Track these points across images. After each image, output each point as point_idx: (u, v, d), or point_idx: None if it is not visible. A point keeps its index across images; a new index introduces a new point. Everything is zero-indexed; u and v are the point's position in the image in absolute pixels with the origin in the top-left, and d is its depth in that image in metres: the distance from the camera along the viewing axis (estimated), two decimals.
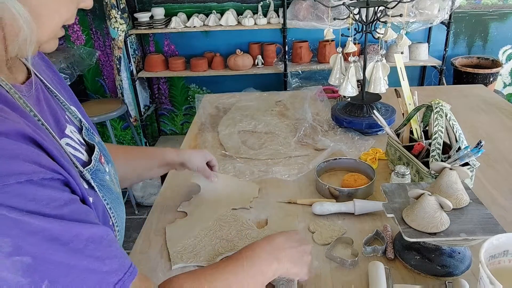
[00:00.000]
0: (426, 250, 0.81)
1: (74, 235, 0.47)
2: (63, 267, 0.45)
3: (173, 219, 1.00)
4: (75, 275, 0.46)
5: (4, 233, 0.42)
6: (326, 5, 1.39)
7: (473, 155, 0.91)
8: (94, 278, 0.47)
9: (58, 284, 0.45)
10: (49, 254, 0.44)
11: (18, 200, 0.43)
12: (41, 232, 0.44)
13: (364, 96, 1.38)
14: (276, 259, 0.68)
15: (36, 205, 0.45)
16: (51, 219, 0.45)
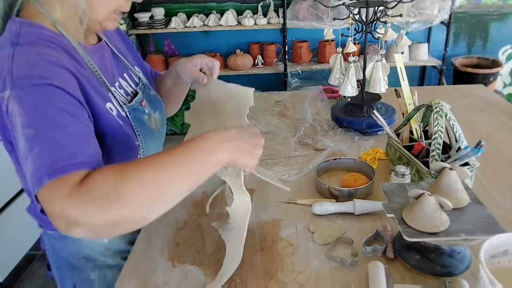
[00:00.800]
0: (426, 250, 0.81)
1: (66, 124, 0.65)
2: (50, 142, 0.63)
3: (172, 219, 1.00)
4: (48, 150, 0.62)
5: (22, 112, 0.64)
6: (326, 5, 1.39)
7: (473, 155, 0.91)
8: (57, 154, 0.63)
9: (38, 157, 0.62)
10: (46, 131, 0.63)
11: (45, 93, 0.65)
12: (48, 116, 0.64)
13: (364, 96, 1.38)
14: (218, 149, 0.67)
15: (53, 99, 0.66)
16: (58, 111, 0.65)
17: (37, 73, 0.66)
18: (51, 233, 0.94)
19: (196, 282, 0.81)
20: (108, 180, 0.60)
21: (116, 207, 0.59)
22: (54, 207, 0.59)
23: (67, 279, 0.97)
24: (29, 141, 0.63)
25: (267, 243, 0.91)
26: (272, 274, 0.82)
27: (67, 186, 0.59)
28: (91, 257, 0.94)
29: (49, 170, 0.60)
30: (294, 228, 0.95)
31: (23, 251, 2.29)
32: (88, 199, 0.58)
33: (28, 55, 0.69)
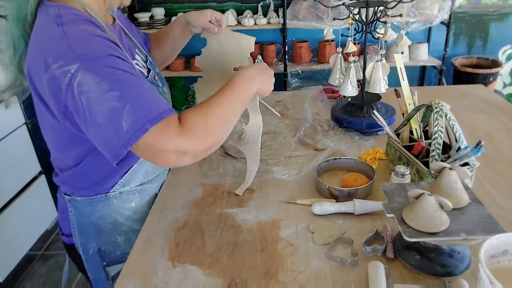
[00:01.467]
0: (426, 250, 0.81)
1: (139, 83, 0.78)
2: (136, 99, 0.75)
3: (173, 219, 1.01)
4: (138, 104, 0.75)
5: (104, 79, 0.74)
6: (326, 5, 1.39)
7: (473, 155, 0.91)
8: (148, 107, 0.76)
9: (132, 112, 0.73)
10: (128, 91, 0.75)
11: (110, 61, 0.76)
12: (124, 79, 0.76)
13: (364, 96, 1.38)
14: (250, 82, 0.91)
15: (120, 65, 0.77)
16: (128, 74, 0.77)
17: (95, 47, 0.77)
18: (80, 200, 1.00)
19: (196, 282, 0.81)
20: (200, 120, 0.80)
21: (211, 137, 0.81)
22: (167, 145, 0.76)
23: (92, 243, 1.04)
24: (119, 101, 0.74)
25: (267, 243, 0.91)
26: (272, 274, 0.82)
27: (174, 127, 0.76)
28: (119, 222, 1.04)
29: (149, 119, 0.74)
30: (294, 228, 0.95)
31: (23, 251, 2.30)
32: (193, 135, 0.78)
33: (77, 32, 0.78)
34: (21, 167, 2.28)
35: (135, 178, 1.02)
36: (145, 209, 1.07)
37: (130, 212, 1.05)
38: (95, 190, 0.99)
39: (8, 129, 2.18)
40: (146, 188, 1.07)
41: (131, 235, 1.05)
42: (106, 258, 1.06)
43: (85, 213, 1.01)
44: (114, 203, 1.01)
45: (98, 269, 1.06)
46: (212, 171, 1.21)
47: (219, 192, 1.11)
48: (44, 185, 2.48)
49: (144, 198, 1.07)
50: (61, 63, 0.74)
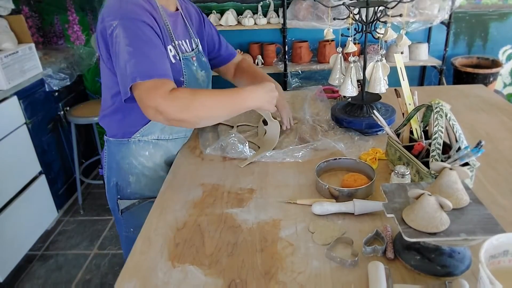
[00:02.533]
0: (426, 250, 0.81)
1: (154, 46, 1.02)
2: (145, 56, 0.99)
3: (172, 219, 1.00)
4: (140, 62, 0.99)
5: (126, 35, 0.99)
6: (326, 5, 1.39)
7: (473, 155, 0.91)
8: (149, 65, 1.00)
9: (133, 65, 0.98)
10: (141, 49, 1.00)
11: (139, 25, 1.01)
12: (141, 40, 1.00)
13: (364, 96, 1.38)
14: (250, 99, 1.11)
15: (145, 31, 1.01)
16: (147, 38, 1.01)
17: (136, 13, 1.01)
18: (112, 140, 1.25)
19: (196, 282, 0.81)
20: (187, 96, 1.00)
21: (187, 114, 1.00)
22: (150, 101, 0.97)
23: (113, 177, 1.28)
24: (128, 55, 0.98)
25: (267, 243, 0.91)
26: (272, 274, 0.82)
27: (162, 90, 0.97)
28: (133, 165, 1.25)
29: (141, 74, 0.97)
30: (294, 228, 0.95)
31: (23, 251, 2.30)
32: (173, 103, 0.97)
33: (128, 1, 1.03)
34: (21, 167, 2.28)
35: (152, 132, 1.23)
36: (156, 161, 1.27)
37: (144, 159, 1.25)
38: (121, 132, 1.22)
39: (8, 129, 2.18)
40: (161, 144, 1.27)
41: (141, 178, 1.26)
42: (120, 192, 1.28)
43: (113, 151, 1.26)
44: (133, 148, 1.23)
45: (114, 200, 1.30)
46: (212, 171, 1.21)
47: (219, 192, 1.11)
48: (44, 185, 2.48)
49: (157, 152, 1.27)
50: (110, 18, 1.01)
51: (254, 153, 1.27)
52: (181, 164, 1.27)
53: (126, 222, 1.31)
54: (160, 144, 1.27)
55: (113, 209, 1.33)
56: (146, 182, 1.27)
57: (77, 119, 2.57)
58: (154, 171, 1.27)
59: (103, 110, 1.24)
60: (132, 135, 1.22)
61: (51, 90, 2.56)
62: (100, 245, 2.43)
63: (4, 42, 2.29)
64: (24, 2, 2.93)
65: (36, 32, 3.04)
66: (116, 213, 1.32)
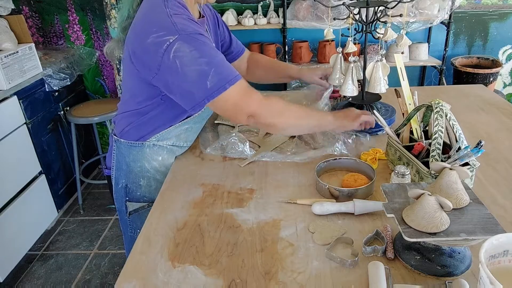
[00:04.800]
0: (426, 250, 0.81)
1: (219, 54, 1.03)
2: (221, 65, 1.01)
3: (172, 220, 1.00)
4: (220, 69, 1.01)
5: (196, 49, 0.98)
6: (326, 5, 1.38)
7: (473, 155, 0.91)
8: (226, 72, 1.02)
9: (216, 74, 0.99)
10: (215, 59, 1.00)
11: (200, 38, 1.01)
12: (209, 50, 1.01)
13: (364, 96, 1.38)
14: (330, 123, 1.20)
15: (206, 41, 1.02)
16: (212, 48, 1.03)
17: (191, 27, 1.01)
18: (123, 141, 1.23)
19: (196, 282, 0.81)
20: (281, 104, 1.09)
21: (279, 118, 1.10)
22: (249, 107, 1.05)
23: (122, 179, 1.26)
24: (207, 66, 0.98)
25: (267, 243, 0.91)
26: (272, 274, 0.82)
27: (259, 97, 1.06)
28: (146, 168, 1.24)
29: (228, 80, 1.00)
30: (294, 228, 0.95)
31: (23, 251, 2.30)
32: (271, 108, 1.08)
33: (179, 15, 1.02)
34: (21, 167, 2.28)
35: (168, 138, 1.23)
36: (168, 166, 1.27)
37: (157, 163, 1.25)
38: (137, 134, 1.21)
39: (8, 129, 2.18)
40: (175, 150, 1.28)
41: (152, 182, 1.26)
42: (129, 194, 1.27)
43: (123, 153, 1.24)
44: (147, 151, 1.23)
45: (122, 201, 1.29)
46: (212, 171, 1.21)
47: (219, 192, 1.11)
48: (44, 185, 2.48)
49: (170, 157, 1.27)
50: (163, 33, 0.98)
51: (254, 152, 1.27)
52: (181, 164, 1.27)
53: (133, 224, 1.31)
54: (174, 150, 1.27)
55: (119, 210, 1.32)
56: (157, 186, 1.25)
57: (77, 119, 2.57)
58: (165, 175, 1.25)
59: (123, 111, 1.22)
60: (147, 139, 1.22)
61: (51, 90, 2.56)
62: (100, 245, 2.43)
63: (4, 42, 2.29)
64: (24, 2, 2.93)
65: (36, 32, 3.04)
66: (123, 214, 1.31)
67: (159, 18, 1.00)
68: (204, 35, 1.02)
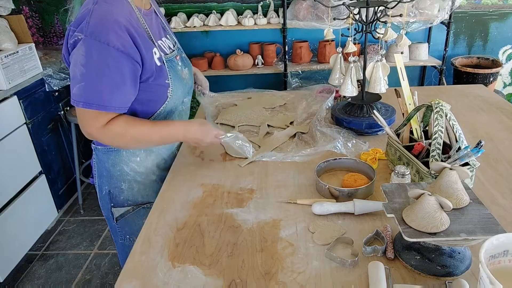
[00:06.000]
0: (426, 250, 0.81)
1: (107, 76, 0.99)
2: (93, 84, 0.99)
3: (172, 220, 1.00)
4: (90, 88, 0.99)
5: (84, 54, 0.97)
6: (326, 5, 1.39)
7: (473, 155, 0.91)
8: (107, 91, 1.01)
9: (84, 87, 0.98)
10: (93, 75, 0.98)
11: (103, 49, 0.97)
12: (97, 65, 0.98)
13: (364, 96, 1.38)
14: (181, 136, 1.15)
15: (108, 57, 0.98)
16: (107, 67, 0.99)
17: (103, 32, 0.97)
18: (99, 148, 1.22)
19: (196, 282, 0.81)
20: (119, 131, 1.05)
21: (117, 143, 1.10)
22: (86, 129, 1.04)
23: (105, 185, 1.26)
24: (80, 76, 0.98)
25: (267, 243, 0.91)
26: (272, 274, 0.82)
27: (99, 123, 1.02)
28: (125, 171, 1.23)
29: (87, 102, 0.99)
30: (294, 228, 0.95)
31: (23, 251, 2.29)
32: (108, 135, 1.05)
33: (101, 13, 0.99)
34: (21, 167, 2.28)
35: None
36: (148, 165, 1.26)
37: (135, 164, 1.23)
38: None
39: (8, 129, 2.18)
40: (152, 148, 1.25)
41: (133, 185, 1.25)
42: (113, 200, 1.26)
43: (102, 160, 1.24)
44: (123, 154, 1.21)
45: (108, 208, 1.28)
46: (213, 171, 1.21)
47: (219, 192, 1.11)
48: (44, 185, 2.48)
49: (149, 156, 1.25)
50: (77, 29, 0.99)
51: (254, 151, 1.27)
52: (181, 164, 1.27)
53: (122, 230, 1.30)
54: (151, 149, 1.25)
55: (107, 218, 1.31)
56: (139, 188, 1.25)
57: (77, 119, 2.57)
58: (146, 175, 1.25)
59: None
60: None
61: (51, 90, 2.56)
62: (100, 245, 2.43)
63: (4, 42, 2.29)
64: (24, 2, 2.93)
65: (36, 32, 3.04)
66: (111, 221, 1.30)
67: (83, 14, 1.00)
68: (115, 47, 0.98)
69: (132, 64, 1.03)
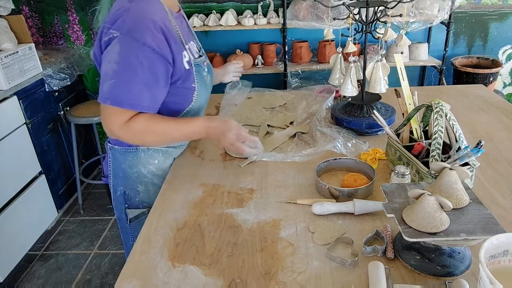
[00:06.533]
0: (426, 250, 0.81)
1: (139, 75, 0.99)
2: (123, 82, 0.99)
3: (172, 220, 1.00)
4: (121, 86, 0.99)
5: (118, 52, 0.97)
6: (326, 5, 1.39)
7: (473, 155, 0.91)
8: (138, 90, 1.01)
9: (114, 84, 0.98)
10: (124, 72, 0.98)
11: (137, 47, 0.98)
12: (130, 63, 0.98)
13: (364, 96, 1.38)
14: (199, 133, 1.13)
15: (141, 55, 0.98)
16: (141, 64, 0.99)
17: (138, 31, 0.98)
18: (117, 148, 1.22)
19: (196, 282, 0.81)
20: (140, 129, 1.04)
21: (138, 142, 1.13)
22: (108, 125, 1.03)
23: (120, 186, 1.25)
24: (112, 73, 0.98)
25: (267, 243, 0.91)
26: (272, 274, 0.82)
27: (122, 120, 1.02)
28: (142, 173, 1.23)
29: (113, 98, 0.98)
30: (294, 228, 0.95)
31: (23, 251, 2.29)
32: (129, 132, 1.04)
33: (138, 12, 1.00)
34: (21, 167, 2.28)
35: None
36: (165, 169, 1.26)
37: (153, 167, 1.24)
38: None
39: (8, 129, 2.18)
40: (170, 151, 1.26)
41: (150, 187, 1.25)
42: (128, 201, 1.26)
43: (119, 160, 1.23)
44: (142, 156, 1.21)
45: (121, 209, 1.27)
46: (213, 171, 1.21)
47: (219, 192, 1.11)
48: (44, 185, 2.48)
49: (167, 159, 1.26)
50: (112, 26, 0.98)
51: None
52: (181, 164, 1.27)
53: (134, 232, 1.29)
54: (170, 151, 1.26)
55: (119, 218, 1.30)
56: (155, 190, 1.24)
57: (77, 119, 2.57)
58: (163, 179, 1.23)
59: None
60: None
61: (51, 90, 2.56)
62: (100, 245, 2.43)
63: (4, 42, 2.29)
64: (24, 2, 2.93)
65: (36, 32, 3.04)
66: (123, 222, 1.29)
67: (119, 12, 1.00)
68: (151, 46, 0.98)
69: (165, 65, 1.03)
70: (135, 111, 1.03)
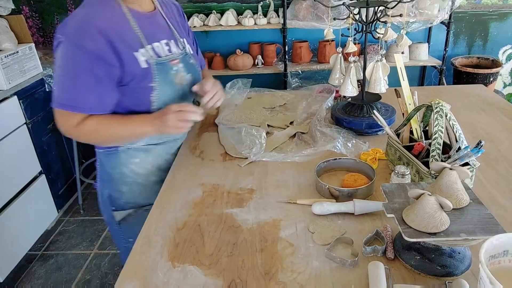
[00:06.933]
0: (426, 250, 0.81)
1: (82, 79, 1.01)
2: (69, 86, 1.02)
3: (172, 220, 1.00)
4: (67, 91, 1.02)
5: (61, 57, 1.00)
6: (326, 5, 1.38)
7: (473, 155, 0.91)
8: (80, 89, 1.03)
9: (63, 90, 1.02)
10: (69, 77, 1.01)
11: (78, 53, 0.99)
12: (73, 68, 1.00)
13: (364, 96, 1.38)
14: (146, 133, 1.12)
15: (82, 60, 1.00)
16: (82, 69, 1.00)
17: (78, 34, 0.99)
18: (101, 151, 1.23)
19: (196, 282, 0.81)
20: (90, 131, 1.06)
21: (89, 141, 1.12)
22: (61, 127, 1.06)
23: (106, 189, 1.26)
24: (57, 77, 1.01)
25: (267, 243, 0.91)
26: (272, 274, 0.82)
27: (72, 122, 1.04)
28: (125, 174, 1.22)
29: (61, 103, 1.02)
30: (294, 228, 0.95)
31: (23, 251, 2.29)
32: (80, 133, 1.07)
33: (81, 16, 1.01)
34: (21, 167, 2.28)
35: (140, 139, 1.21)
36: (147, 167, 1.25)
37: (135, 166, 1.23)
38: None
39: (8, 129, 2.18)
40: (151, 149, 1.24)
41: (134, 187, 1.25)
42: (113, 203, 1.26)
43: (103, 163, 1.24)
44: (122, 156, 1.21)
45: (109, 212, 1.28)
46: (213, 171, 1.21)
47: (219, 192, 1.11)
48: (44, 185, 2.47)
49: (148, 157, 1.24)
50: (59, 31, 1.01)
51: None
52: (181, 164, 1.27)
53: (124, 233, 1.29)
54: (150, 149, 1.24)
55: (108, 222, 1.31)
56: (140, 190, 1.25)
57: None
58: (147, 177, 1.25)
59: None
60: (120, 145, 1.20)
61: (51, 90, 2.56)
62: (100, 245, 2.43)
63: (4, 42, 2.29)
64: (24, 2, 2.93)
65: (36, 32, 3.04)
66: (112, 225, 1.30)
67: (68, 17, 1.04)
68: (91, 50, 0.99)
69: (107, 67, 1.03)
70: (83, 114, 1.04)
